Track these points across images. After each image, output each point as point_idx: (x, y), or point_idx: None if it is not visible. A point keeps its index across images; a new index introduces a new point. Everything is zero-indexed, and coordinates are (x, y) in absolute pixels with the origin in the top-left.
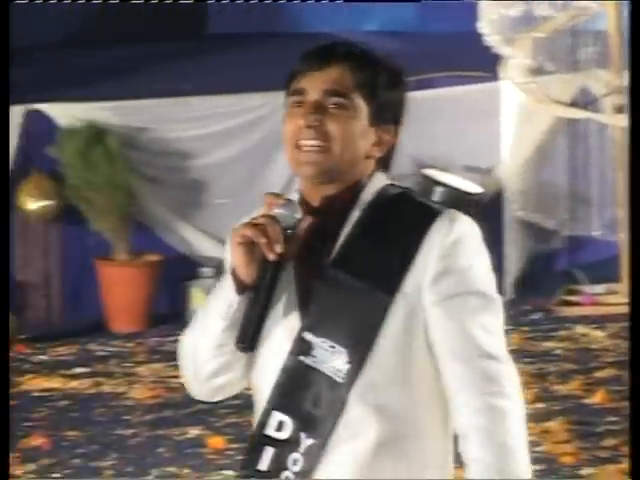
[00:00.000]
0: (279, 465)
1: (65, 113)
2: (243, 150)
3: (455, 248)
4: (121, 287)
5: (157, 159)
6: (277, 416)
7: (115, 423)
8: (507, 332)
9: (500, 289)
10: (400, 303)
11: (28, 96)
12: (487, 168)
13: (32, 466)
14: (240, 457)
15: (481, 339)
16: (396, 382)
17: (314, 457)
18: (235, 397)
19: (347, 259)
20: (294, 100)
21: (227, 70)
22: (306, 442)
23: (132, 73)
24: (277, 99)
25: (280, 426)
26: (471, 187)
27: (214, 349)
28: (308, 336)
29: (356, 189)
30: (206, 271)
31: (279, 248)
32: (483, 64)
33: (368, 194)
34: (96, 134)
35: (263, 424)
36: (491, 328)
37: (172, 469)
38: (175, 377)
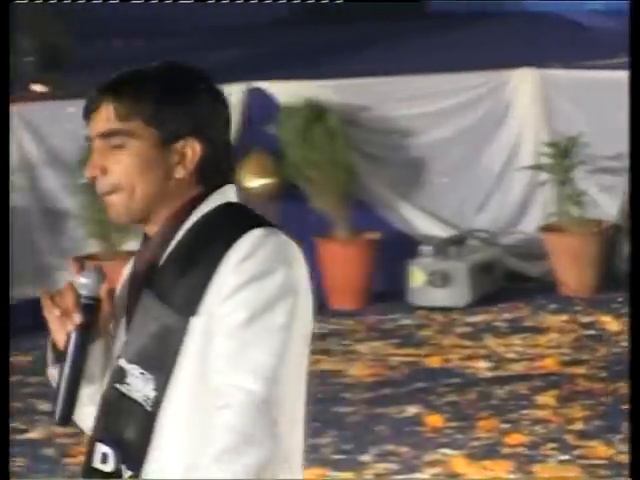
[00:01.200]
0: None
1: (286, 91)
2: (462, 129)
3: (248, 263)
4: (341, 265)
5: (377, 137)
6: (101, 447)
7: (334, 401)
8: None
9: None
10: (196, 327)
11: (249, 74)
12: None
13: None
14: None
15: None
16: (196, 410)
17: None
18: (455, 375)
19: (158, 284)
20: (89, 146)
21: (448, 49)
22: (126, 474)
23: (353, 52)
24: (496, 78)
25: (105, 458)
26: None
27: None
28: (122, 363)
29: (182, 214)
30: (425, 250)
31: (77, 318)
32: None
33: (194, 217)
34: (316, 112)
35: (90, 456)
36: (263, 346)
37: (390, 447)
38: (394, 355)
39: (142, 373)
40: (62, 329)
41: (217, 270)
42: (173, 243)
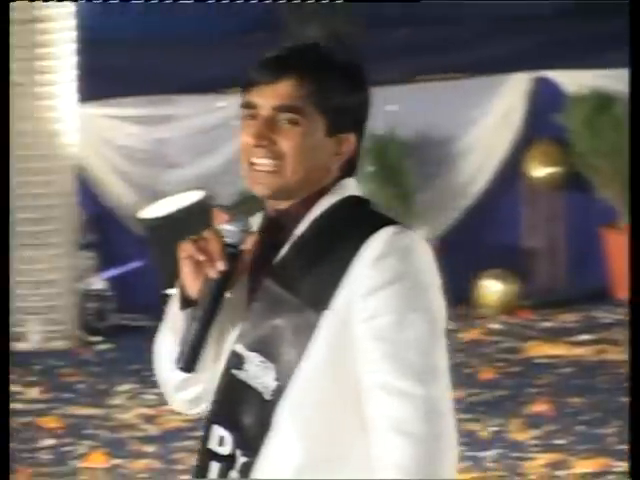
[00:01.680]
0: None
1: (573, 80)
2: None
3: (387, 262)
4: (627, 255)
5: None
6: (217, 430)
7: (619, 391)
8: None
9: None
10: (328, 321)
11: (535, 63)
12: None
13: (536, 432)
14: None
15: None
16: (323, 403)
17: (247, 476)
18: None
19: (284, 273)
20: (246, 113)
21: None
22: (241, 460)
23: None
24: None
25: (221, 441)
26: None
27: (172, 363)
28: (240, 349)
29: (311, 202)
30: None
31: (220, 265)
32: None
33: (320, 207)
34: (603, 101)
35: (206, 437)
36: (417, 347)
37: None
38: None
39: (262, 361)
40: (198, 275)
41: (351, 266)
42: (298, 232)
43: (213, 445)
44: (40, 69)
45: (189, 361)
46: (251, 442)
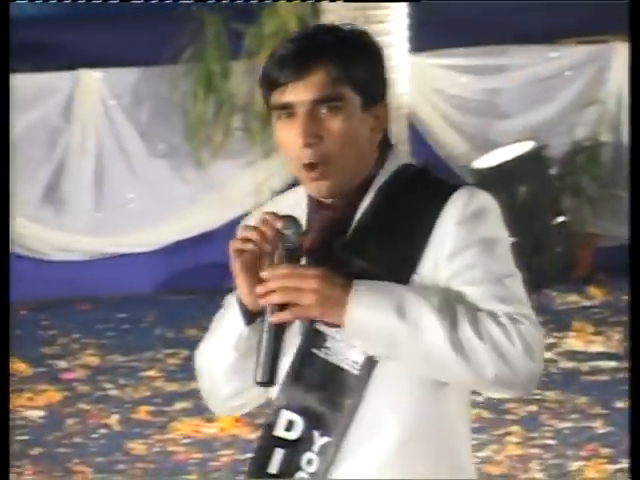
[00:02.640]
0: (291, 466)
1: None
2: None
3: (473, 221)
4: None
5: None
6: (286, 415)
7: None
8: None
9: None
10: (416, 285)
11: None
12: None
13: None
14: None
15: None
16: (415, 375)
17: (330, 456)
18: None
19: (360, 244)
20: (282, 114)
21: None
22: (320, 441)
23: None
24: None
25: (290, 425)
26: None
27: (228, 375)
28: (321, 327)
29: (368, 177)
30: None
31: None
32: None
33: (381, 178)
34: None
35: (272, 424)
36: (506, 297)
37: None
38: None
39: (347, 337)
40: (253, 282)
41: (435, 229)
42: (363, 208)
43: (279, 431)
44: (374, 18)
45: (269, 374)
46: (332, 422)
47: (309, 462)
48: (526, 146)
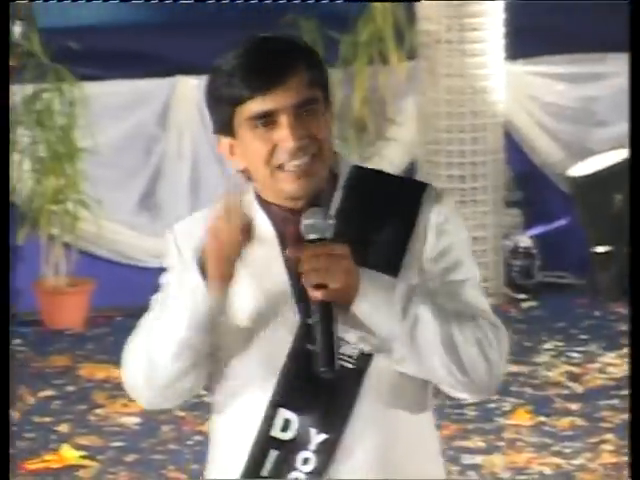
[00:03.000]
0: (285, 467)
1: None
2: None
3: (451, 220)
4: None
5: None
6: (283, 414)
7: None
8: None
9: None
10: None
11: None
12: None
13: None
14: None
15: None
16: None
17: (327, 454)
18: None
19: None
20: (259, 122)
21: None
22: (317, 438)
23: None
24: None
25: (286, 425)
26: None
27: (174, 356)
28: (313, 321)
29: (330, 177)
30: None
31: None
32: None
33: (341, 179)
34: None
35: (269, 425)
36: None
37: None
38: None
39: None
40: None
41: (415, 230)
42: (334, 208)
43: (275, 431)
44: (469, 26)
45: (331, 359)
46: (330, 418)
47: (305, 461)
48: (622, 154)
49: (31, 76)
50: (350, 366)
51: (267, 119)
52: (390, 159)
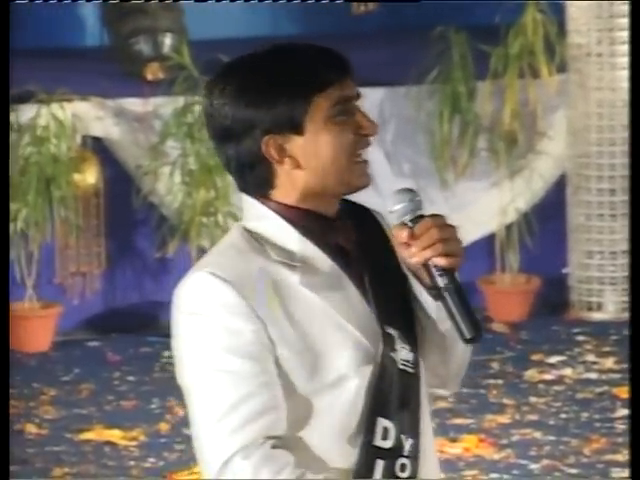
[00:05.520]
0: (388, 475)
1: None
2: None
3: None
4: None
5: None
6: (381, 422)
7: None
8: None
9: None
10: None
11: None
12: None
13: None
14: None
15: None
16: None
17: (416, 458)
18: None
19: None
20: (341, 109)
21: None
22: (407, 443)
23: None
24: None
25: (385, 433)
26: None
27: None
28: (390, 330)
29: None
30: None
31: None
32: None
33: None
34: None
35: (371, 435)
36: None
37: None
38: None
39: (400, 337)
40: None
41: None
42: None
43: (378, 440)
44: (620, 39)
45: (476, 327)
46: (410, 422)
47: (402, 467)
48: None
49: (181, 89)
50: (411, 371)
51: (346, 107)
52: (540, 172)
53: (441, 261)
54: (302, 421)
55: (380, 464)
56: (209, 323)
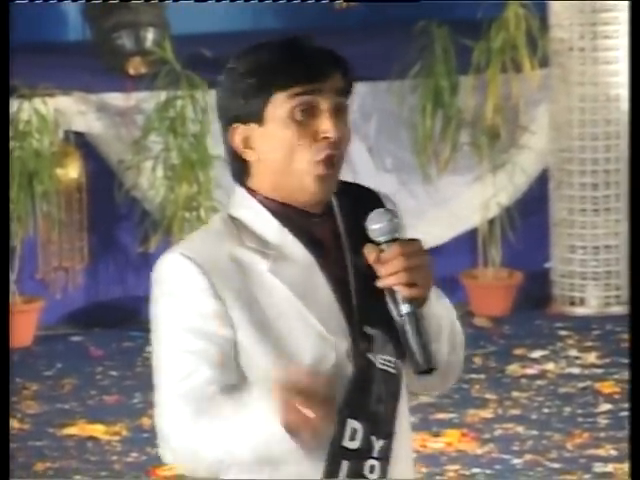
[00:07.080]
0: (355, 476)
1: None
2: None
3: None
4: None
5: None
6: (351, 424)
7: None
8: None
9: None
10: None
11: None
12: None
13: None
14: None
15: None
16: None
17: (387, 459)
18: None
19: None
20: (303, 110)
21: None
22: (377, 444)
23: None
24: None
25: (353, 434)
26: None
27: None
28: (368, 330)
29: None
30: None
31: None
32: None
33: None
34: None
35: (340, 435)
36: None
37: None
38: None
39: (382, 336)
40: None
41: None
42: (337, 212)
43: (345, 441)
44: (602, 34)
45: (430, 359)
46: (383, 423)
47: (371, 469)
48: None
49: (164, 83)
50: (392, 371)
51: (309, 109)
52: (523, 167)
53: (403, 290)
54: None
55: (345, 465)
56: (173, 301)
